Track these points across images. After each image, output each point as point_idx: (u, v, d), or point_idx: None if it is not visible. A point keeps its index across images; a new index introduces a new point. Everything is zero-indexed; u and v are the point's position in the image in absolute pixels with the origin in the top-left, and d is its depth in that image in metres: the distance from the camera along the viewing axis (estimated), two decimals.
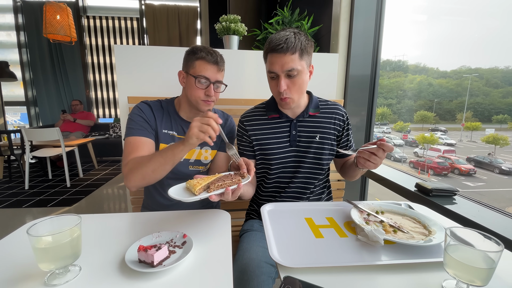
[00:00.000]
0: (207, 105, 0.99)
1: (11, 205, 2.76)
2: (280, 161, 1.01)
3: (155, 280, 0.53)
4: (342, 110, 1.05)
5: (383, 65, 1.78)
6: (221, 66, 1.00)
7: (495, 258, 0.46)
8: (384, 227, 0.70)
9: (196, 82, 0.96)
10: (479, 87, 5.44)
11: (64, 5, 3.22)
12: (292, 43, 0.84)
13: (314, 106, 1.02)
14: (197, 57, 0.96)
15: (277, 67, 0.87)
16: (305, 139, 1.00)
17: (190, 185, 0.73)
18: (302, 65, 0.88)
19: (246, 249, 0.83)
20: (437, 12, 15.77)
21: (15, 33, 4.78)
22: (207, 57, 0.96)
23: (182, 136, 1.05)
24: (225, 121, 1.14)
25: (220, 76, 1.00)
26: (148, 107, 1.03)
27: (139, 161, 0.87)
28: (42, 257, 0.51)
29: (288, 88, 0.89)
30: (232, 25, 1.57)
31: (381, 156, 0.79)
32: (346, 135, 1.05)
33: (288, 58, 0.85)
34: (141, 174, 0.85)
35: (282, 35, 0.86)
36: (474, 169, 4.63)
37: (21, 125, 4.89)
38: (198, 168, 1.09)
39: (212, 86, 0.97)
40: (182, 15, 4.99)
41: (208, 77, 0.96)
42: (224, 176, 0.78)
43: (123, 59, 1.39)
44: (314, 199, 1.07)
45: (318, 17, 1.92)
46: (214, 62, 0.96)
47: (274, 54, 0.87)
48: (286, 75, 0.88)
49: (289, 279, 0.51)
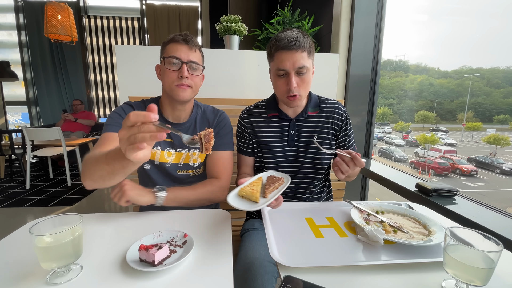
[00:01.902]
0: (182, 90, 0.92)
1: (12, 204, 2.77)
2: (277, 160, 1.01)
3: (156, 279, 0.53)
4: (341, 109, 1.04)
5: (383, 65, 1.78)
6: (192, 46, 0.94)
7: (495, 258, 0.46)
8: (384, 227, 0.70)
9: (166, 63, 0.92)
10: (480, 87, 5.43)
11: (65, 5, 3.22)
12: (303, 41, 0.87)
13: (313, 105, 1.02)
14: (168, 42, 0.95)
15: (288, 64, 0.87)
16: (303, 139, 1.01)
17: (247, 194, 0.74)
18: (310, 63, 0.90)
19: (248, 248, 0.84)
20: (438, 12, 15.75)
21: (16, 32, 4.79)
22: (176, 37, 0.93)
23: (168, 140, 1.01)
24: (213, 117, 1.06)
25: (193, 56, 0.94)
26: (130, 107, 0.99)
27: (91, 161, 0.73)
28: (44, 256, 0.52)
29: (298, 85, 0.89)
30: (232, 25, 1.57)
31: (351, 167, 0.78)
32: (344, 135, 1.04)
33: (299, 55, 0.86)
34: (89, 177, 0.73)
35: (291, 33, 0.87)
36: (475, 170, 4.63)
37: (22, 124, 4.91)
38: (187, 172, 1.04)
39: (185, 66, 0.91)
40: (183, 15, 4.99)
41: (178, 56, 0.91)
42: (269, 179, 0.84)
43: (124, 59, 1.40)
44: (314, 198, 1.07)
45: (319, 17, 1.92)
46: (183, 41, 0.93)
47: (285, 51, 0.87)
48: (296, 72, 0.88)
49: (289, 278, 0.51)
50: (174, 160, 1.02)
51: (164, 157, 1.01)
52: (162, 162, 1.01)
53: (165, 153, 1.01)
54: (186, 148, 1.02)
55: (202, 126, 1.04)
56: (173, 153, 1.02)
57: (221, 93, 1.53)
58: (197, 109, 1.07)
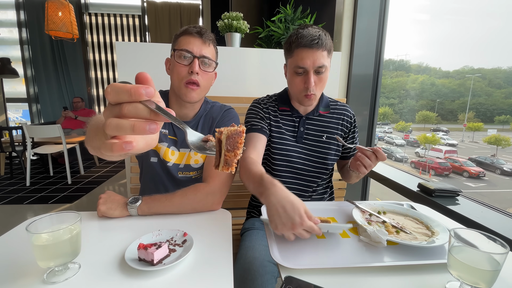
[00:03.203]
0: (190, 91, 0.85)
1: (12, 201, 2.76)
2: (284, 154, 0.99)
3: (155, 278, 0.53)
4: (350, 112, 1.06)
5: (385, 64, 1.77)
6: (207, 39, 0.88)
7: (500, 260, 0.45)
8: (386, 228, 0.69)
9: (177, 57, 0.85)
10: (482, 87, 5.43)
11: (66, 2, 3.21)
12: (325, 40, 0.85)
13: (325, 105, 1.03)
14: (180, 34, 0.88)
15: (309, 62, 0.85)
16: (312, 137, 1.00)
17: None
18: (328, 63, 0.89)
19: (248, 247, 0.83)
20: (440, 12, 15.73)
21: (17, 29, 4.78)
22: (189, 29, 0.87)
23: (173, 137, 0.95)
24: (218, 112, 0.99)
25: (207, 51, 0.87)
26: None
27: (91, 126, 0.51)
28: (41, 254, 0.51)
29: (315, 84, 0.88)
30: (234, 22, 1.56)
31: (373, 161, 0.81)
32: (352, 137, 1.06)
33: (320, 54, 0.85)
34: (90, 144, 0.52)
35: (314, 31, 0.86)
36: (483, 172, 4.60)
37: (23, 121, 4.91)
38: (188, 175, 0.97)
39: (196, 61, 0.84)
40: (184, 12, 4.98)
41: (190, 50, 0.84)
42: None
43: (124, 56, 1.39)
44: (317, 198, 1.06)
45: (321, 15, 1.91)
46: (197, 33, 0.86)
47: (306, 49, 0.85)
48: (315, 71, 0.87)
49: (290, 279, 0.50)
50: (176, 161, 0.94)
51: (168, 155, 0.93)
52: (165, 160, 0.94)
53: (169, 152, 0.93)
54: (188, 148, 0.94)
55: (206, 125, 0.96)
56: (176, 153, 0.94)
57: (222, 91, 1.52)
58: (205, 106, 0.99)
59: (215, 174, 0.85)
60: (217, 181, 0.84)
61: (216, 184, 0.84)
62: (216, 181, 0.84)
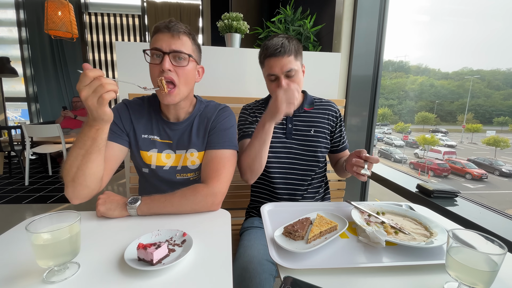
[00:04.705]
0: (165, 94, 0.81)
1: (11, 201, 2.76)
2: (277, 153, 1.05)
3: (154, 278, 0.53)
4: (335, 107, 1.12)
5: (385, 65, 1.78)
6: (175, 32, 0.80)
7: (498, 261, 0.46)
8: (385, 228, 0.70)
9: (150, 58, 0.82)
10: (481, 89, 5.45)
11: (66, 1, 3.20)
12: (288, 46, 0.92)
13: (309, 102, 1.10)
14: (152, 33, 0.84)
15: (277, 69, 0.93)
16: (301, 132, 1.06)
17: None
18: (297, 65, 0.95)
19: (247, 246, 0.83)
20: (439, 13, 15.77)
21: (16, 29, 4.77)
22: (158, 25, 0.81)
23: (166, 141, 0.93)
24: (213, 111, 0.95)
25: (177, 45, 0.80)
26: (125, 107, 0.91)
27: (65, 163, 0.75)
28: (40, 254, 0.51)
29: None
30: (234, 23, 1.56)
31: (369, 167, 0.84)
32: (339, 131, 1.11)
33: (286, 60, 0.92)
34: (70, 178, 0.76)
35: (276, 41, 0.93)
36: (486, 174, 4.60)
37: (22, 121, 4.89)
38: (186, 176, 0.95)
39: (166, 58, 0.79)
40: (184, 12, 4.98)
41: (159, 47, 0.79)
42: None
43: (124, 56, 1.39)
44: (312, 192, 1.09)
45: (321, 16, 1.91)
46: (165, 28, 0.80)
47: (273, 58, 0.93)
48: (286, 75, 0.94)
49: (289, 279, 0.50)
50: (173, 163, 0.93)
51: (161, 160, 0.93)
52: (160, 166, 0.93)
53: (163, 156, 0.93)
54: (184, 149, 0.93)
55: (201, 125, 0.94)
56: (172, 155, 0.93)
57: (222, 91, 1.52)
58: (200, 106, 0.96)
59: (215, 175, 0.84)
60: (216, 182, 0.83)
61: (216, 185, 0.82)
62: (216, 182, 0.82)
